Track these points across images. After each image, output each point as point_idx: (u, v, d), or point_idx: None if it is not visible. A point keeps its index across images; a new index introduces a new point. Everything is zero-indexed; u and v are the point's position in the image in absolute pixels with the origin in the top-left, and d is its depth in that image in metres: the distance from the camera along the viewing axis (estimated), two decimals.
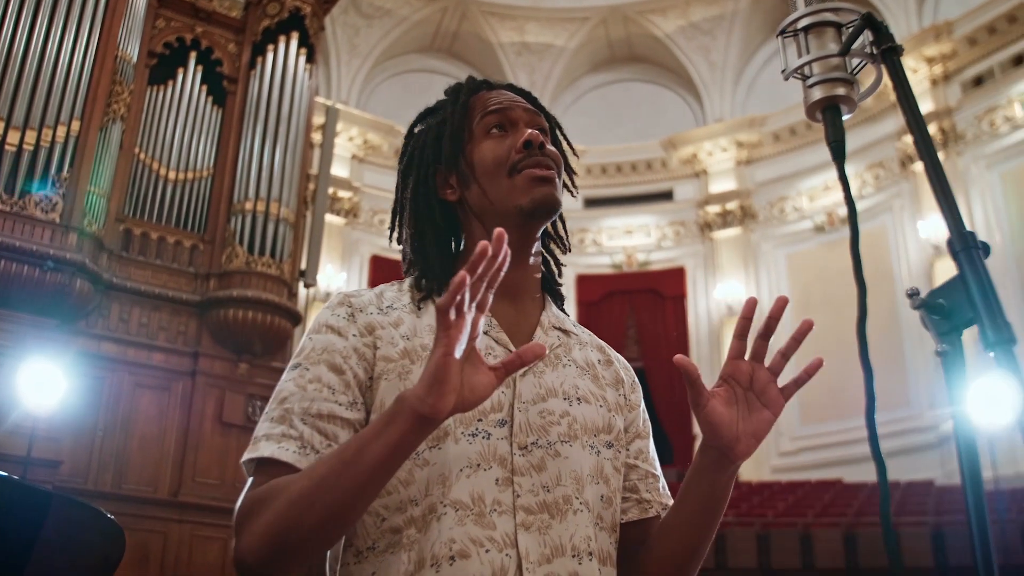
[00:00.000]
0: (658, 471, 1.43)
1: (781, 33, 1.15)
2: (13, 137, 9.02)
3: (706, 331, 16.53)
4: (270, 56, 11.43)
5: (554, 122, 1.46)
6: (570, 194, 1.44)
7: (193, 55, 11.27)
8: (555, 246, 1.49)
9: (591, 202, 17.52)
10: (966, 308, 0.91)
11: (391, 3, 17.54)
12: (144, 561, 8.61)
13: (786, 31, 1.14)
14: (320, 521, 1.06)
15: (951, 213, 0.94)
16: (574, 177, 1.48)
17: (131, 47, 10.26)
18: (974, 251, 0.91)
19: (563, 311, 1.46)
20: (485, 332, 1.29)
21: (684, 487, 1.29)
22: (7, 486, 2.56)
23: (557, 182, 1.35)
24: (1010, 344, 0.86)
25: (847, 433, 13.31)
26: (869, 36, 1.08)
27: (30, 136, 9.11)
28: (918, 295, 0.98)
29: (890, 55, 1.05)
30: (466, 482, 1.16)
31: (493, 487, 1.17)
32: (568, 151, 1.47)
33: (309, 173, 12.44)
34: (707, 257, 17.17)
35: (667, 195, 18.04)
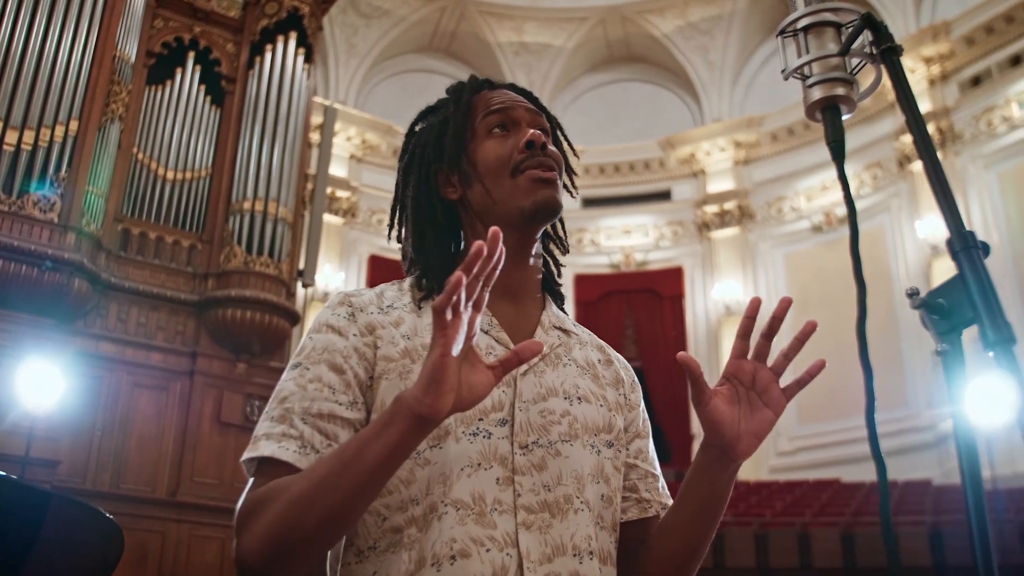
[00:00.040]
0: (657, 471, 1.43)
1: (781, 33, 1.15)
2: (11, 137, 9.02)
3: (704, 331, 16.54)
4: (268, 56, 11.43)
5: (555, 122, 1.46)
6: (570, 195, 1.44)
7: (191, 55, 11.26)
8: (554, 247, 1.49)
9: (589, 202, 17.52)
10: (966, 308, 0.91)
11: (389, 3, 17.53)
12: (142, 561, 8.60)
13: (786, 31, 1.15)
14: (320, 522, 1.06)
15: (951, 213, 0.94)
16: (574, 178, 1.49)
17: (129, 47, 10.26)
18: (974, 251, 0.91)
19: (563, 311, 1.46)
20: (486, 331, 1.29)
21: (685, 486, 1.29)
22: (6, 486, 2.56)
23: (558, 184, 1.36)
24: (1010, 344, 0.86)
25: (845, 433, 13.33)
26: (868, 36, 1.08)
27: (28, 136, 9.10)
28: (918, 295, 0.98)
29: (889, 55, 1.06)
30: (467, 481, 1.16)
31: (494, 486, 1.17)
32: (568, 151, 1.47)
33: (307, 173, 12.44)
34: (705, 257, 17.18)
35: (665, 195, 18.05)
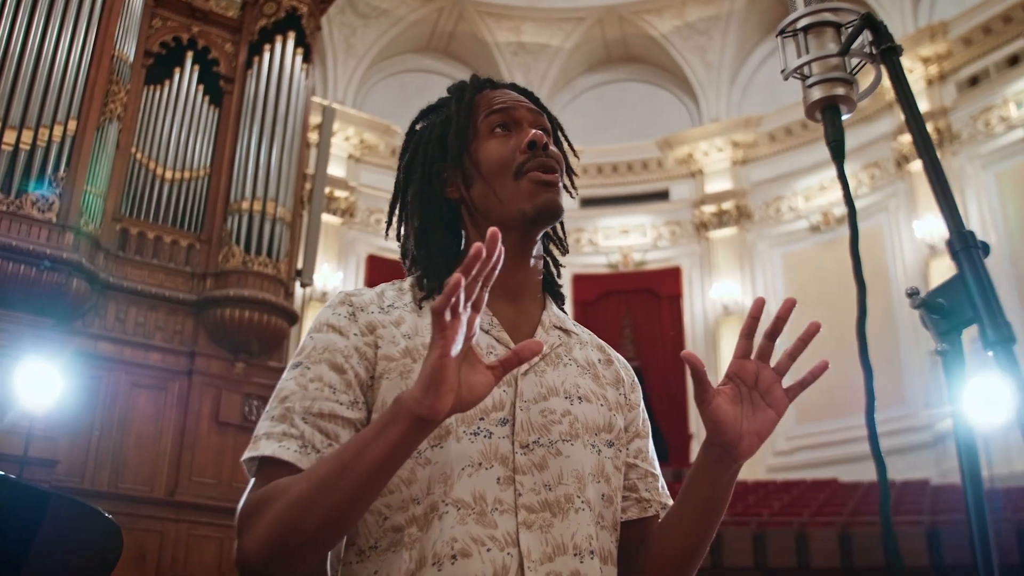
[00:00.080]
0: (657, 471, 1.43)
1: (781, 33, 1.16)
2: (10, 137, 9.00)
3: (702, 331, 16.54)
4: (267, 56, 11.42)
5: (556, 122, 1.46)
6: (569, 195, 1.44)
7: (190, 55, 11.24)
8: (554, 247, 1.49)
9: (587, 202, 17.50)
10: (966, 307, 0.91)
11: (387, 3, 17.53)
12: (140, 560, 8.59)
13: (785, 31, 1.15)
14: (321, 522, 1.06)
15: (951, 212, 0.94)
16: (574, 178, 1.49)
17: (128, 47, 10.25)
18: (974, 250, 0.91)
19: (563, 311, 1.46)
20: (487, 331, 1.29)
21: (686, 485, 1.29)
22: (5, 485, 2.56)
23: (560, 187, 1.36)
24: (1010, 343, 0.86)
25: (842, 432, 13.35)
26: (868, 36, 1.08)
27: (27, 136, 9.09)
28: (918, 295, 0.98)
29: (889, 55, 1.06)
30: (468, 481, 1.16)
31: (495, 486, 1.17)
32: (569, 151, 1.47)
33: (306, 173, 12.43)
34: (703, 257, 17.18)
35: (663, 195, 18.04)
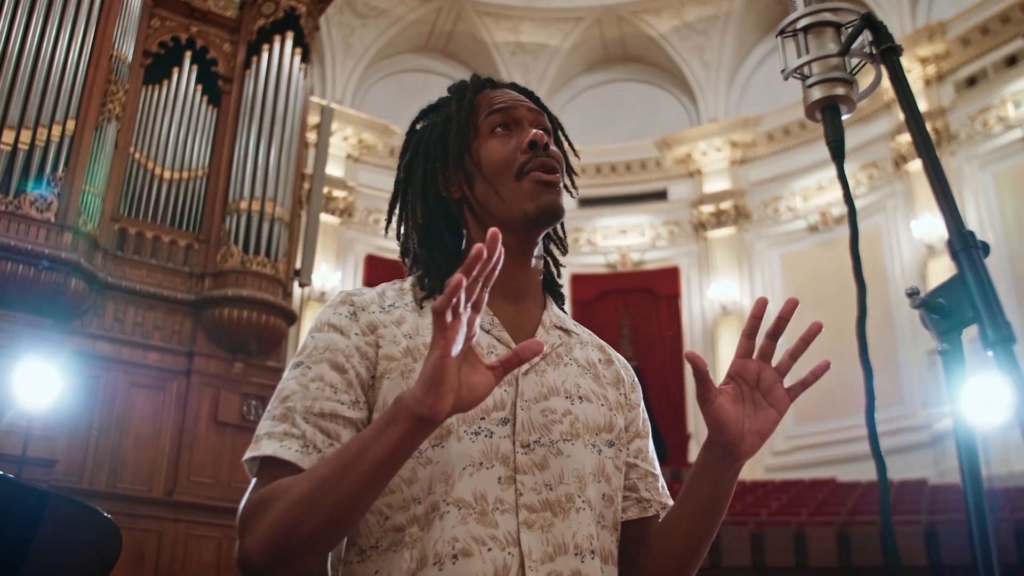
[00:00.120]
0: (657, 471, 1.43)
1: (781, 33, 1.15)
2: (8, 136, 9.00)
3: (700, 331, 16.55)
4: (265, 56, 11.42)
5: (556, 122, 1.46)
6: (570, 195, 1.44)
7: (188, 54, 11.24)
8: (555, 247, 1.49)
9: (585, 202, 17.50)
10: (966, 307, 0.91)
11: (386, 3, 17.53)
12: (139, 560, 8.59)
13: (785, 31, 1.15)
14: (322, 522, 1.06)
15: (951, 212, 0.94)
16: (574, 177, 1.49)
17: (126, 46, 10.25)
18: (974, 250, 0.91)
19: (563, 311, 1.46)
20: (488, 331, 1.29)
21: (687, 485, 1.29)
22: (4, 485, 2.56)
23: (561, 187, 1.36)
24: (1010, 343, 0.86)
25: (841, 432, 13.36)
26: (868, 36, 1.08)
27: (25, 135, 9.08)
28: (918, 295, 0.98)
29: (889, 55, 1.06)
30: (469, 480, 1.16)
31: (496, 485, 1.17)
32: (569, 151, 1.47)
33: (304, 172, 12.42)
34: (701, 257, 17.18)
35: (661, 195, 18.05)
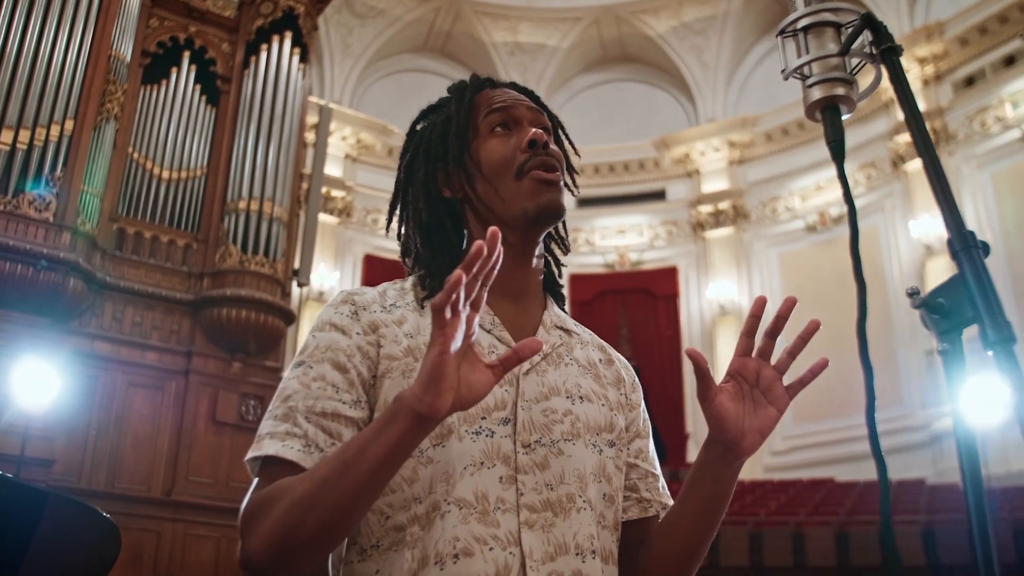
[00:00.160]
0: (658, 471, 1.43)
1: (781, 33, 1.16)
2: (7, 136, 9.00)
3: (698, 330, 16.55)
4: (263, 56, 11.42)
5: (556, 121, 1.46)
6: (571, 194, 1.44)
7: (187, 54, 11.23)
8: (556, 247, 1.49)
9: (584, 202, 17.48)
10: (966, 307, 0.91)
11: (384, 3, 17.52)
12: (137, 560, 8.58)
13: (785, 31, 1.15)
14: (323, 522, 1.06)
15: (951, 212, 0.94)
16: (575, 176, 1.49)
17: (125, 46, 10.24)
18: (974, 250, 0.91)
19: (564, 311, 1.46)
20: (489, 331, 1.29)
21: (688, 484, 1.29)
22: (3, 485, 2.56)
23: (561, 186, 1.36)
24: (1010, 343, 0.86)
25: (839, 432, 13.37)
26: (868, 36, 1.08)
27: (24, 135, 9.08)
28: (918, 294, 0.98)
29: (890, 55, 1.06)
30: (470, 480, 1.16)
31: (497, 485, 1.17)
32: (569, 150, 1.47)
33: (302, 172, 12.42)
34: (699, 257, 17.18)
35: (660, 195, 18.05)
